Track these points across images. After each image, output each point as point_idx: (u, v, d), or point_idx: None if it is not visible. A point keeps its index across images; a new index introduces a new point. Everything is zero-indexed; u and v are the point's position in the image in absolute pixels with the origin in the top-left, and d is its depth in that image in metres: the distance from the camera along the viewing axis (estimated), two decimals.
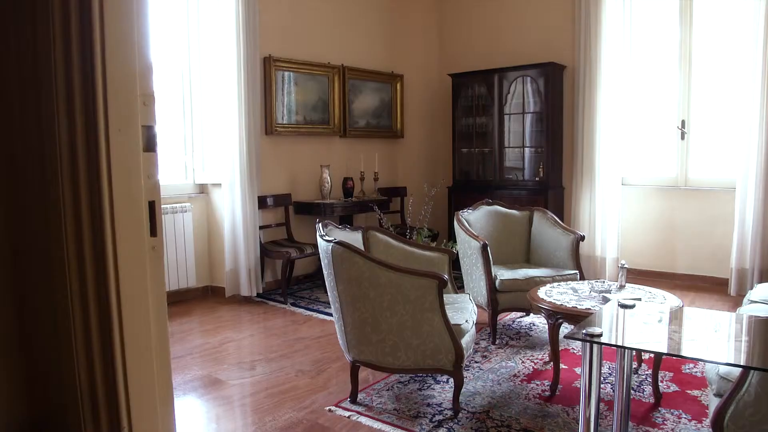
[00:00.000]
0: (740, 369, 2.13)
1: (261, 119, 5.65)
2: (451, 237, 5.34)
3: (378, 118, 6.92)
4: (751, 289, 3.91)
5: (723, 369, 2.33)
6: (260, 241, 5.58)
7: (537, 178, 6.39)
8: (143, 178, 1.22)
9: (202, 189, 5.63)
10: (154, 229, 1.25)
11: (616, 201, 6.12)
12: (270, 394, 3.38)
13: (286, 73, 5.87)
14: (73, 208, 1.16)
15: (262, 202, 5.63)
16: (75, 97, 1.12)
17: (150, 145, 1.23)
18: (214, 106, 5.36)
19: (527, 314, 4.76)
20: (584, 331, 2.08)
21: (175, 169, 5.48)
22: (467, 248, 4.36)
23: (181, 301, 5.35)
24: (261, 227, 5.64)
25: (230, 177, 5.35)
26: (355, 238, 3.63)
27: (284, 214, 5.95)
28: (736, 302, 4.97)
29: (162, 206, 5.03)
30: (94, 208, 1.15)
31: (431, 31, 7.54)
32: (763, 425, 2.10)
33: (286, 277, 5.48)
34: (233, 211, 5.39)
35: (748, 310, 3.36)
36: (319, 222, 3.40)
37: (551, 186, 6.35)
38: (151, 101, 1.23)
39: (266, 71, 5.68)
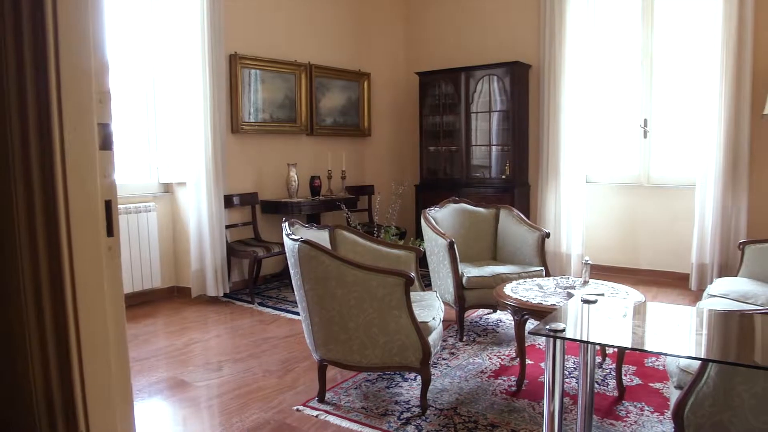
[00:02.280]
0: (699, 362, 2.18)
1: (227, 117, 5.59)
2: (419, 235, 5.36)
3: (345, 116, 6.91)
4: (711, 283, 4.01)
5: (683, 362, 2.38)
6: (227, 241, 5.52)
7: (503, 176, 6.45)
8: (99, 177, 1.19)
9: (167, 188, 5.54)
10: (110, 228, 1.22)
11: (581, 198, 6.22)
12: (237, 395, 3.35)
13: (252, 71, 5.82)
14: (27, 208, 1.13)
15: (228, 201, 5.57)
16: (27, 94, 1.09)
17: (106, 144, 1.21)
18: (179, 104, 5.28)
19: (494, 311, 4.80)
20: (547, 327, 2.11)
21: (139, 168, 5.38)
22: (434, 246, 4.38)
23: (146, 302, 5.27)
24: (227, 226, 5.58)
25: (195, 176, 5.29)
26: (322, 237, 3.62)
27: (251, 213, 5.90)
28: (696, 296, 5.09)
29: (126, 206, 4.92)
30: (49, 208, 1.12)
31: (398, 30, 7.55)
32: (721, 415, 2.16)
33: (253, 277, 5.44)
34: (199, 211, 5.32)
35: (707, 304, 3.45)
36: (285, 221, 3.38)
37: (517, 184, 6.42)
38: (107, 99, 1.20)
39: (232, 69, 5.62)
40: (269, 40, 6.00)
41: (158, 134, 5.43)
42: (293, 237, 3.08)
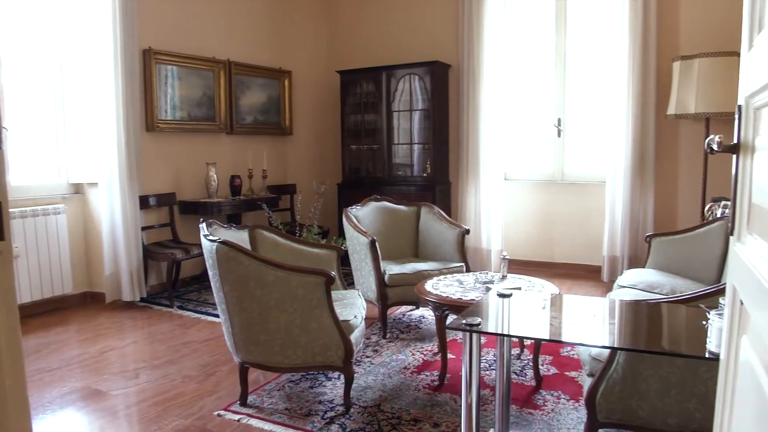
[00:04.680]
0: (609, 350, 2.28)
1: (141, 115, 5.39)
2: (341, 233, 5.35)
3: (266, 114, 6.81)
4: (621, 275, 4.20)
5: (594, 350, 2.48)
6: (143, 243, 5.32)
7: (425, 174, 6.53)
8: None
9: (78, 189, 5.28)
10: (1, 232, 1.15)
11: (500, 195, 6.38)
12: (155, 402, 3.24)
13: (169, 67, 5.64)
14: None
15: (144, 201, 5.37)
16: None
17: None
18: (89, 101, 5.05)
19: (417, 307, 4.86)
20: (464, 321, 2.15)
21: (46, 168, 5.10)
22: (356, 244, 4.39)
23: (57, 309, 5.01)
24: (143, 228, 5.39)
25: (108, 176, 5.07)
26: (241, 237, 3.55)
27: (169, 214, 5.71)
28: (608, 287, 5.32)
29: (32, 208, 4.67)
30: None
31: (319, 28, 7.51)
32: (630, 400, 2.27)
33: (171, 280, 5.27)
34: (112, 212, 5.10)
35: (617, 294, 3.60)
36: (203, 221, 3.30)
37: (438, 182, 6.52)
38: None
39: (146, 64, 5.43)
40: (186, 36, 5.83)
41: (67, 132, 5.17)
42: (211, 238, 3.00)
